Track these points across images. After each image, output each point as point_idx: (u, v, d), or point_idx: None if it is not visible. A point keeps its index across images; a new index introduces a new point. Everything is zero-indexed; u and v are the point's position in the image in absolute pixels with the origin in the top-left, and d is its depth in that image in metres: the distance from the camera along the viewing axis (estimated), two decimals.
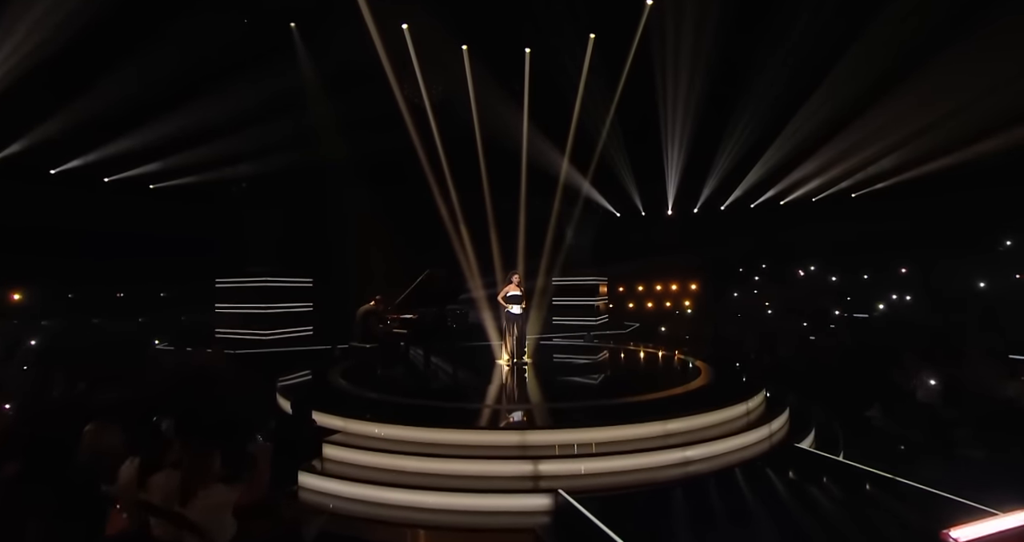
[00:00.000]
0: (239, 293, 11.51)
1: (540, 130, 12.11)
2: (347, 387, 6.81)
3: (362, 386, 6.75)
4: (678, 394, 6.17)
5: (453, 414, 5.54)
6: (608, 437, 4.82)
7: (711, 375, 7.12)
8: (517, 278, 8.66)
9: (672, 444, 4.79)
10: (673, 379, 7.38)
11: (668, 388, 6.40)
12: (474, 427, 5.04)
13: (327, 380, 7.24)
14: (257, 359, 9.90)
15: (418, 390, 6.71)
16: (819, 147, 14.00)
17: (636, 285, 19.53)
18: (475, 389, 6.84)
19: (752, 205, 16.78)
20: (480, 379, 7.51)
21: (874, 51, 11.43)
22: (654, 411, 5.38)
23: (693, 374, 7.38)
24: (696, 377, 7.05)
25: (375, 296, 7.81)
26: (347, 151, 10.89)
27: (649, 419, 5.04)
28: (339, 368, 8.05)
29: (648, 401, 5.86)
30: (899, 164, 13.44)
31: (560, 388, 7.19)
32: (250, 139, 10.37)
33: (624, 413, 5.41)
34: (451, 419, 5.32)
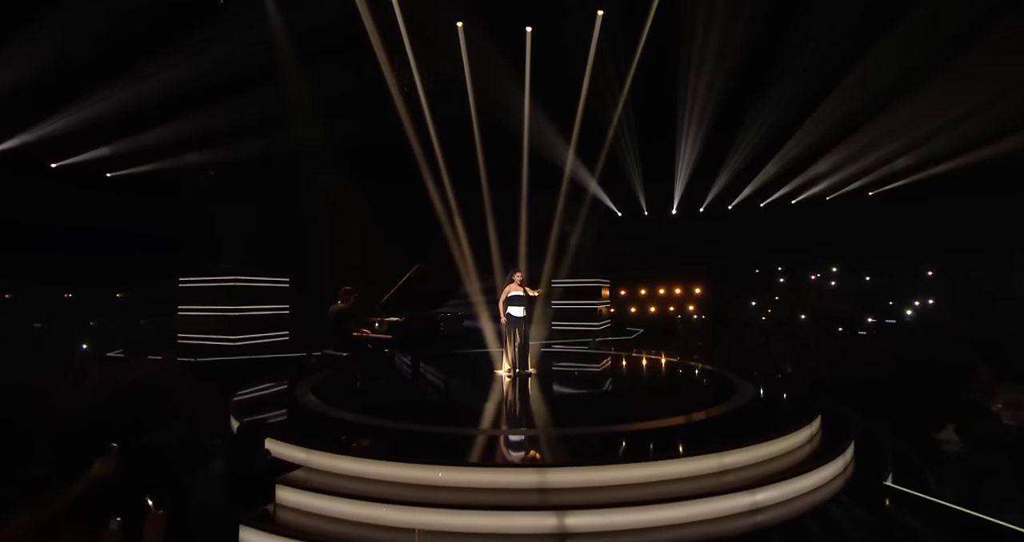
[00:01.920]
0: (205, 294, 10.28)
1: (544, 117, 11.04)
2: (317, 405, 5.65)
3: (335, 404, 5.60)
4: (718, 416, 5.09)
5: (447, 443, 4.42)
6: (651, 476, 3.73)
7: (747, 391, 6.08)
8: (519, 276, 7.58)
9: (734, 486, 3.71)
10: (705, 395, 6.31)
11: (703, 407, 5.32)
12: (475, 463, 3.92)
13: (294, 396, 6.08)
14: (222, 368, 8.68)
15: (404, 409, 5.57)
16: (837, 143, 13.15)
17: (638, 289, 18.53)
18: (473, 408, 5.71)
19: (762, 204, 15.88)
20: (478, 395, 6.39)
21: (901, 42, 10.65)
22: (697, 438, 4.31)
23: (726, 389, 6.33)
24: (731, 393, 6.00)
25: (344, 288, 6.62)
26: (325, 135, 9.69)
27: (698, 450, 3.97)
28: (310, 381, 6.89)
29: (686, 425, 4.78)
30: (924, 160, 12.60)
31: (576, 406, 6.07)
32: (217, 118, 9.19)
33: (662, 440, 4.34)
34: (445, 450, 4.21)
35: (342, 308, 6.55)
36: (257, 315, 10.46)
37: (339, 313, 6.52)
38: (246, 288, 10.36)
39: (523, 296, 7.53)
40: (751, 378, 6.81)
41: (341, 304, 6.58)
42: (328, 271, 10.13)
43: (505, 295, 7.55)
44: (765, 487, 3.68)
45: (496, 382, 7.09)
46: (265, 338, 10.55)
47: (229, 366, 8.83)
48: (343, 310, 6.53)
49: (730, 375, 7.25)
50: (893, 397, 6.43)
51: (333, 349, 6.54)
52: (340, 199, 10.44)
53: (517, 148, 10.48)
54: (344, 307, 6.56)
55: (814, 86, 11.96)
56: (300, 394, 6.16)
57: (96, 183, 10.41)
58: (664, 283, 18.30)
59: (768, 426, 4.52)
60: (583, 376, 7.95)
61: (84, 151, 9.68)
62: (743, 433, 4.39)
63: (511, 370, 7.42)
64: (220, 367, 8.72)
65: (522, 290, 7.54)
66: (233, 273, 10.17)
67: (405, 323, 6.74)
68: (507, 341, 7.52)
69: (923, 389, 6.43)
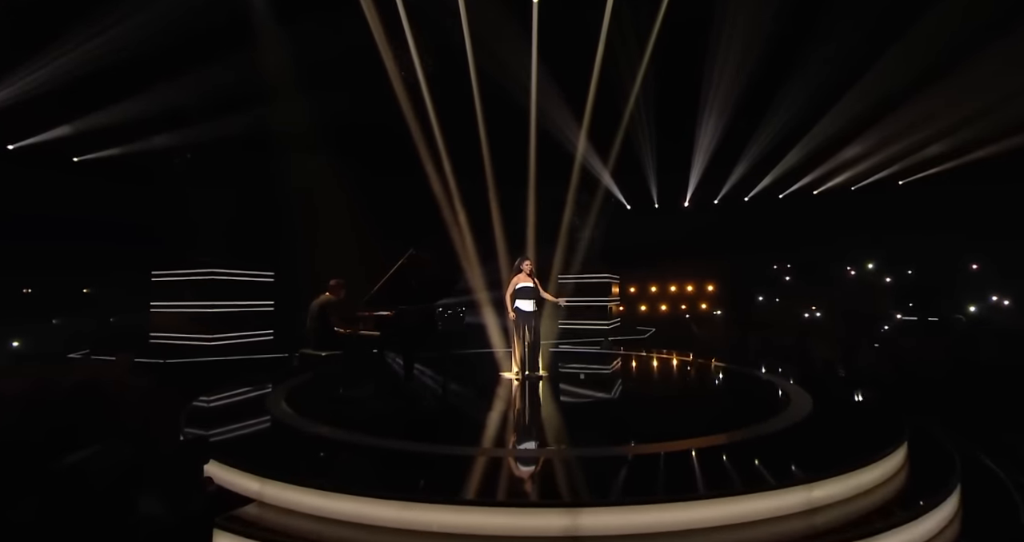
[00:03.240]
0: (180, 288, 9.31)
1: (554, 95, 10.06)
2: (287, 417, 4.69)
3: (311, 416, 4.64)
4: (779, 432, 4.13)
5: (443, 467, 3.46)
6: (720, 518, 2.77)
7: (803, 400, 5.12)
8: (528, 265, 6.65)
9: (828, 530, 2.75)
10: (753, 405, 5.36)
11: (755, 421, 4.37)
12: (480, 501, 2.94)
13: (262, 405, 5.12)
14: (193, 371, 7.72)
15: (392, 422, 4.62)
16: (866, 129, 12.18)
17: (649, 286, 17.58)
18: (475, 420, 4.76)
19: (781, 195, 14.92)
20: (482, 403, 5.44)
21: (936, 23, 9.74)
22: (765, 463, 3.36)
23: (776, 398, 5.38)
24: (784, 403, 5.05)
25: (333, 281, 5.70)
26: (310, 111, 8.68)
27: (776, 479, 3.01)
28: (286, 386, 5.93)
29: (743, 444, 3.82)
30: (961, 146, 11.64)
31: (601, 419, 5.08)
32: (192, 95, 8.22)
33: (718, 465, 3.38)
34: (440, 477, 3.26)
35: (327, 301, 5.59)
36: (237, 312, 9.50)
37: (323, 306, 5.56)
38: (225, 282, 9.40)
39: (533, 288, 6.60)
40: (804, 384, 5.85)
41: (328, 296, 5.63)
42: (317, 264, 9.14)
43: (512, 287, 6.61)
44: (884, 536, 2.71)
45: (503, 388, 6.12)
46: (246, 337, 9.59)
47: (202, 368, 7.87)
48: (328, 303, 5.58)
49: (777, 380, 6.30)
50: (977, 407, 5.48)
51: (312, 348, 5.59)
52: (329, 184, 9.46)
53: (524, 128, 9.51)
54: (329, 300, 5.60)
55: (843, 69, 11.04)
56: (271, 403, 5.20)
57: (61, 166, 9.44)
58: (676, 280, 17.35)
59: (851, 446, 3.58)
60: (603, 381, 6.98)
61: (43, 131, 8.71)
62: (823, 456, 3.44)
63: (520, 373, 6.47)
64: (191, 369, 7.76)
65: (532, 281, 6.61)
66: (211, 265, 9.21)
67: (396, 318, 5.79)
68: (515, 340, 6.57)
69: (1007, 397, 5.49)
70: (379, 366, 6.20)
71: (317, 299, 5.64)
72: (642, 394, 6.16)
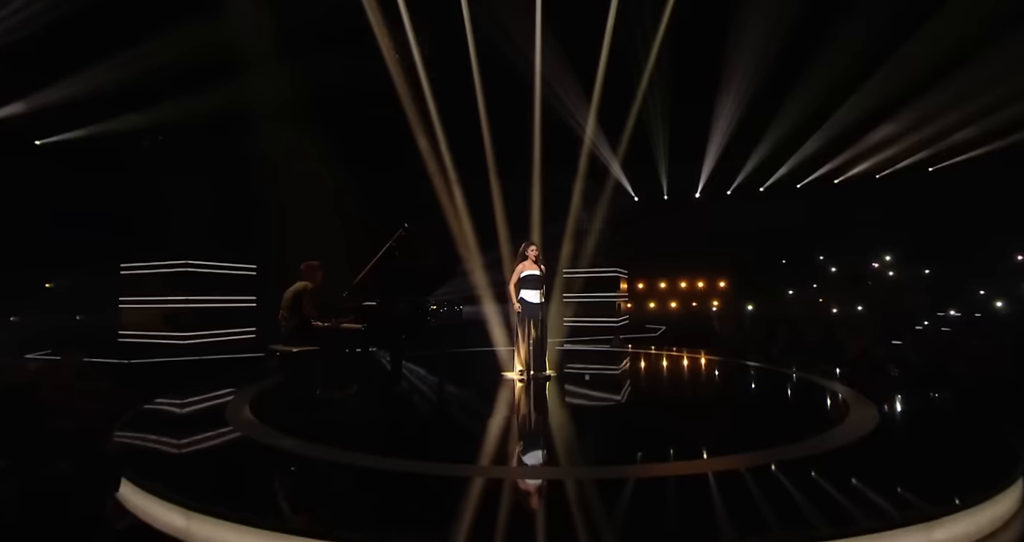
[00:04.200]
0: (152, 282, 8.54)
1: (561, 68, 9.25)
2: (246, 425, 3.90)
3: (276, 425, 3.86)
4: (849, 448, 3.33)
5: (430, 495, 2.68)
6: None
7: (864, 407, 4.32)
8: (534, 251, 5.87)
9: None
10: (808, 413, 4.58)
11: (815, 432, 3.57)
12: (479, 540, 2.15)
13: (221, 413, 4.33)
14: (159, 372, 6.93)
15: (372, 434, 3.84)
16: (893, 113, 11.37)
17: (657, 282, 16.78)
18: (472, 430, 3.98)
19: (799, 185, 14.11)
20: (480, 409, 4.65)
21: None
22: (843, 489, 2.57)
23: (833, 404, 4.60)
24: (843, 411, 4.25)
25: (307, 264, 4.90)
26: (291, 84, 7.86)
27: (856, 513, 2.22)
28: (253, 389, 5.15)
29: (808, 462, 3.03)
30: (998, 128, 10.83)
31: (626, 429, 4.25)
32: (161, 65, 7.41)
33: (782, 492, 2.59)
34: (425, 509, 2.47)
35: (300, 288, 4.80)
36: (215, 308, 8.72)
37: (296, 295, 4.77)
38: (202, 275, 8.62)
39: (540, 276, 5.81)
40: (858, 388, 5.05)
41: (303, 283, 4.83)
42: (303, 255, 8.33)
43: (517, 275, 5.83)
44: None
45: (504, 390, 5.33)
46: (225, 335, 8.80)
47: (172, 369, 7.08)
48: (302, 291, 4.78)
49: (825, 382, 5.50)
50: None
51: (283, 344, 4.80)
52: (315, 166, 8.65)
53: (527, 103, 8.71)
54: (304, 287, 4.81)
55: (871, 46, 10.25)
56: (232, 409, 4.41)
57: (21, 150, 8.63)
58: (686, 276, 16.56)
59: (953, 472, 2.79)
60: (620, 383, 6.17)
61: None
62: (922, 484, 2.65)
63: (524, 373, 5.69)
64: (158, 371, 6.97)
65: (538, 268, 5.82)
66: (185, 257, 8.44)
67: (381, 309, 5.01)
68: (519, 335, 5.78)
69: None
70: (363, 365, 5.41)
71: (291, 286, 4.85)
72: (670, 399, 5.33)
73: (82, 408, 4.76)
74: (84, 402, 4.96)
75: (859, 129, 11.88)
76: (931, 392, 4.91)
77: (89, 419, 4.34)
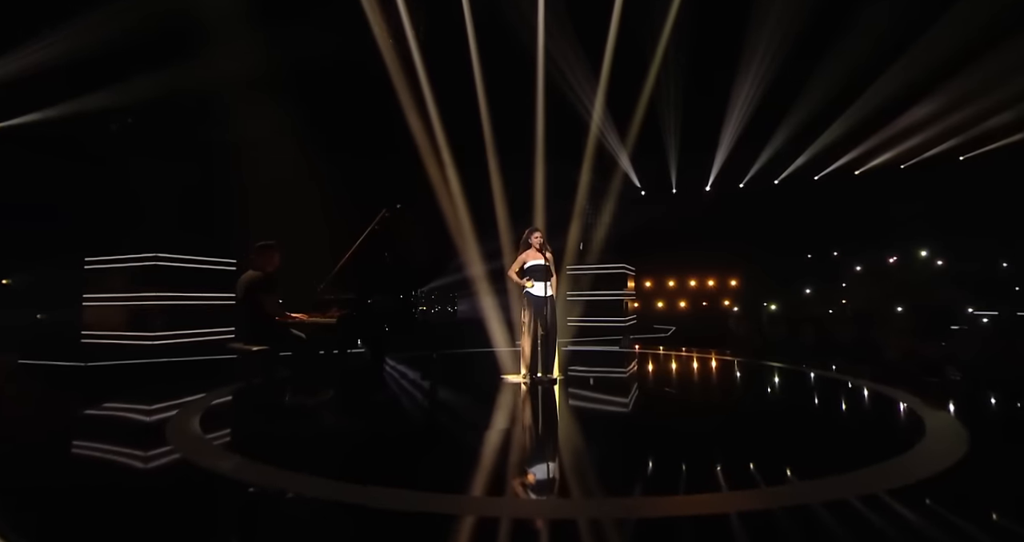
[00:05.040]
0: (119, 278, 7.80)
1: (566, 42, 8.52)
2: (187, 444, 3.14)
3: (223, 443, 3.11)
4: (940, 479, 2.58)
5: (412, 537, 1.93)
6: None
7: (941, 422, 3.56)
8: (539, 238, 5.15)
9: None
10: (874, 428, 3.83)
11: (888, 453, 2.83)
12: None
13: (165, 425, 3.58)
14: (116, 376, 6.17)
15: (342, 453, 3.09)
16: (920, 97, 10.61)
17: (666, 281, 16.02)
18: (465, 448, 3.22)
19: (816, 177, 13.36)
20: (479, 420, 3.90)
21: None
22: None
23: (904, 418, 3.85)
24: (918, 428, 3.50)
25: (259, 246, 4.13)
26: (263, 58, 7.06)
27: None
28: (209, 398, 4.41)
29: (897, 495, 2.28)
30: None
31: (657, 446, 3.46)
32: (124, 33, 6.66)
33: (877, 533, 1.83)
34: None
35: (253, 277, 4.04)
36: (188, 305, 7.97)
37: (250, 285, 4.01)
38: (174, 270, 7.88)
39: (546, 266, 5.09)
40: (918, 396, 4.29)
41: (254, 272, 4.08)
42: (291, 247, 7.56)
43: (519, 264, 5.10)
44: None
45: (505, 397, 4.57)
46: (199, 335, 8.05)
47: (131, 373, 6.32)
48: (256, 280, 4.03)
49: (875, 387, 4.75)
50: None
51: (242, 342, 4.05)
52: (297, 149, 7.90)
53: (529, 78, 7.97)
54: (258, 275, 4.05)
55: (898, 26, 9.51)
56: (179, 421, 3.66)
57: None
58: (696, 274, 15.79)
59: None
60: (639, 390, 5.40)
61: None
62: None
63: (529, 377, 4.95)
64: (115, 374, 6.20)
65: (544, 257, 5.10)
66: (155, 250, 7.70)
67: (358, 304, 4.28)
68: (523, 333, 5.04)
69: None
70: (338, 369, 4.66)
71: (246, 274, 4.11)
72: (700, 410, 4.51)
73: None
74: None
75: (883, 116, 11.12)
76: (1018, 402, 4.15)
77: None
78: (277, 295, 4.10)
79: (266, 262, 4.08)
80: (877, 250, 12.04)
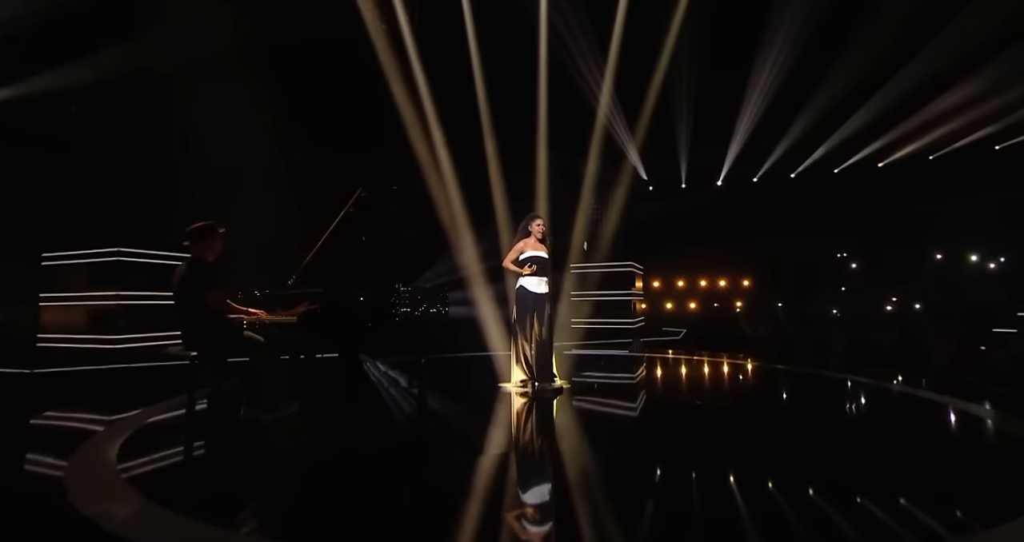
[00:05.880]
0: (79, 275, 7.09)
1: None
2: (95, 485, 2.39)
3: (146, 481, 2.38)
4: None
5: None
6: None
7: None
8: (540, 226, 4.44)
9: None
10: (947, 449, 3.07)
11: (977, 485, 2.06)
12: None
13: (72, 452, 2.85)
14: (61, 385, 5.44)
15: (296, 484, 2.34)
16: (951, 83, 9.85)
17: (675, 281, 15.25)
18: (453, 477, 2.47)
19: (836, 170, 12.59)
20: (471, 435, 3.16)
21: None
22: None
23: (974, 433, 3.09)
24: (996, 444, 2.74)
25: (194, 229, 3.39)
26: (231, 32, 6.30)
27: None
28: (146, 415, 3.68)
29: None
30: None
31: (677, 472, 2.71)
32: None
33: None
34: None
35: (195, 267, 3.31)
36: (155, 306, 7.25)
37: (184, 277, 3.28)
38: (140, 266, 7.17)
39: (546, 259, 4.37)
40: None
41: (196, 259, 3.35)
42: (265, 239, 6.82)
43: (516, 254, 4.39)
44: None
45: (500, 408, 3.83)
46: (168, 339, 7.31)
47: (80, 381, 5.59)
48: (198, 270, 3.29)
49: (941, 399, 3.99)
50: None
51: (183, 347, 3.32)
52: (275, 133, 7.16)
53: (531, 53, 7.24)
54: (200, 265, 3.32)
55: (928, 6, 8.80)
56: (93, 446, 2.92)
57: None
58: (707, 273, 15.02)
59: None
60: (655, 400, 4.63)
61: None
62: None
63: (526, 384, 4.24)
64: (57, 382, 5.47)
65: (545, 249, 4.38)
66: (119, 244, 6.99)
67: (327, 300, 3.55)
68: (518, 335, 4.33)
69: None
70: (303, 378, 3.93)
71: (181, 265, 3.38)
72: (752, 429, 3.67)
73: None
74: None
75: (911, 103, 10.36)
76: None
77: None
78: (222, 289, 3.37)
79: (206, 248, 3.36)
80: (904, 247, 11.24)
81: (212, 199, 7.01)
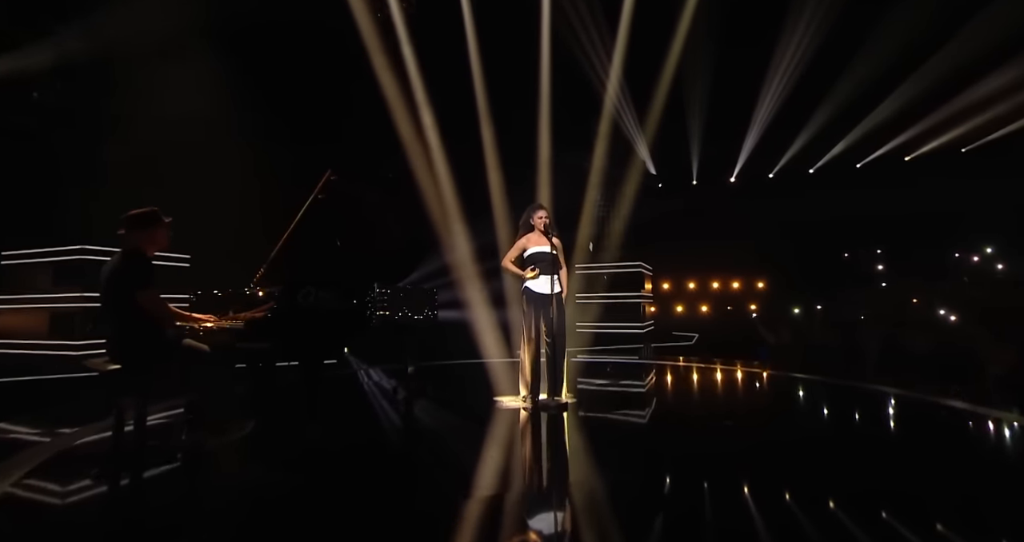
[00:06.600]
0: (41, 275, 6.52)
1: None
2: None
3: (64, 516, 1.77)
4: None
5: None
6: None
7: None
8: (544, 218, 3.80)
9: None
10: None
11: None
12: None
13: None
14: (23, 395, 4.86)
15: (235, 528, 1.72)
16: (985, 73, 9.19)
17: (685, 282, 14.57)
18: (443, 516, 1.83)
19: (859, 165, 11.92)
20: (463, 464, 2.53)
21: None
22: None
23: None
24: None
25: (132, 216, 2.76)
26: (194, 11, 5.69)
27: None
28: (74, 437, 3.09)
29: None
30: None
31: (709, 508, 2.07)
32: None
33: None
34: None
35: (128, 261, 2.70)
36: None
37: (116, 271, 2.68)
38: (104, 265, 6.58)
39: (552, 255, 3.74)
40: None
41: (132, 251, 2.74)
42: (247, 238, 6.19)
43: (517, 251, 3.77)
44: None
45: (500, 428, 3.20)
46: None
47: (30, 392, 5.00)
48: (131, 265, 2.68)
49: None
50: None
51: (107, 358, 2.73)
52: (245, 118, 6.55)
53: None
54: (134, 259, 2.71)
55: None
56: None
57: None
58: (719, 275, 14.33)
59: None
60: (675, 416, 3.97)
61: None
62: None
63: (531, 399, 3.61)
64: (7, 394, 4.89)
65: (550, 244, 3.75)
66: (83, 241, 6.42)
67: (283, 300, 2.95)
68: (524, 344, 3.70)
69: None
70: (259, 393, 3.32)
71: (113, 260, 2.79)
72: (800, 455, 3.05)
73: None
74: None
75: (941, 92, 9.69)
76: None
77: None
78: (158, 289, 2.76)
79: (146, 238, 2.76)
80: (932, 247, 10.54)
81: (190, 192, 6.42)
